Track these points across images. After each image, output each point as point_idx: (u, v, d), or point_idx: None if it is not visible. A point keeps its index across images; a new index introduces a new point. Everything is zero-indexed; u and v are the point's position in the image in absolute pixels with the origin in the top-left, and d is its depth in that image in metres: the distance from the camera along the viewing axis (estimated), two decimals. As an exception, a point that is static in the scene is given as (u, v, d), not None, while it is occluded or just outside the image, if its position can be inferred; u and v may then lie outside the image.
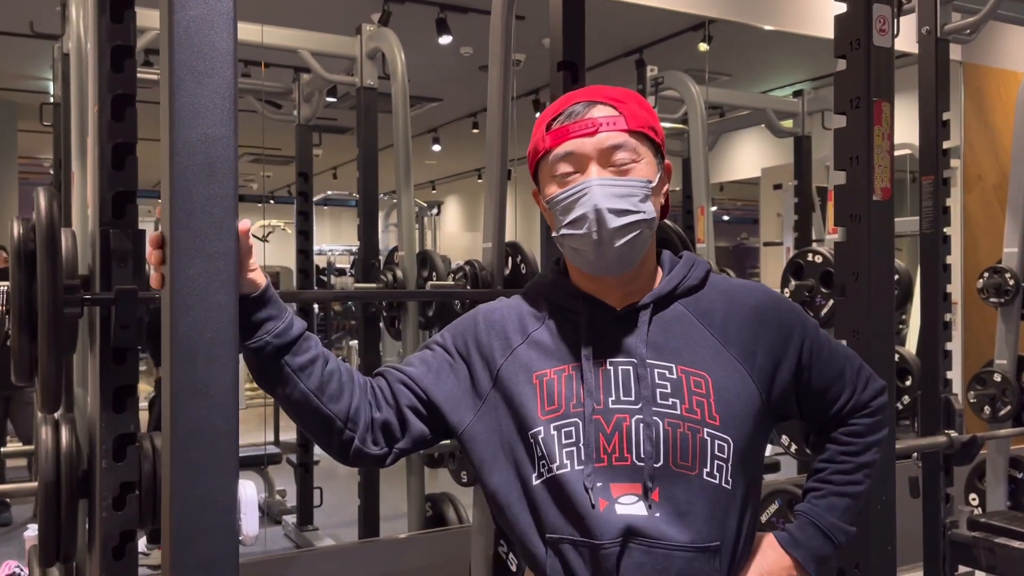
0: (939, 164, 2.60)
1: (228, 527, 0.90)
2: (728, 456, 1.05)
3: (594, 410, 1.06)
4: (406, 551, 2.92)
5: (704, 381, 1.07)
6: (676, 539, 1.02)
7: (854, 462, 1.17)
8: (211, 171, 0.90)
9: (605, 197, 1.04)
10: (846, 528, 1.17)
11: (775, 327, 1.12)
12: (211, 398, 0.90)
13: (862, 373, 1.19)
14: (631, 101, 1.10)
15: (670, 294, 1.11)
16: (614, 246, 1.05)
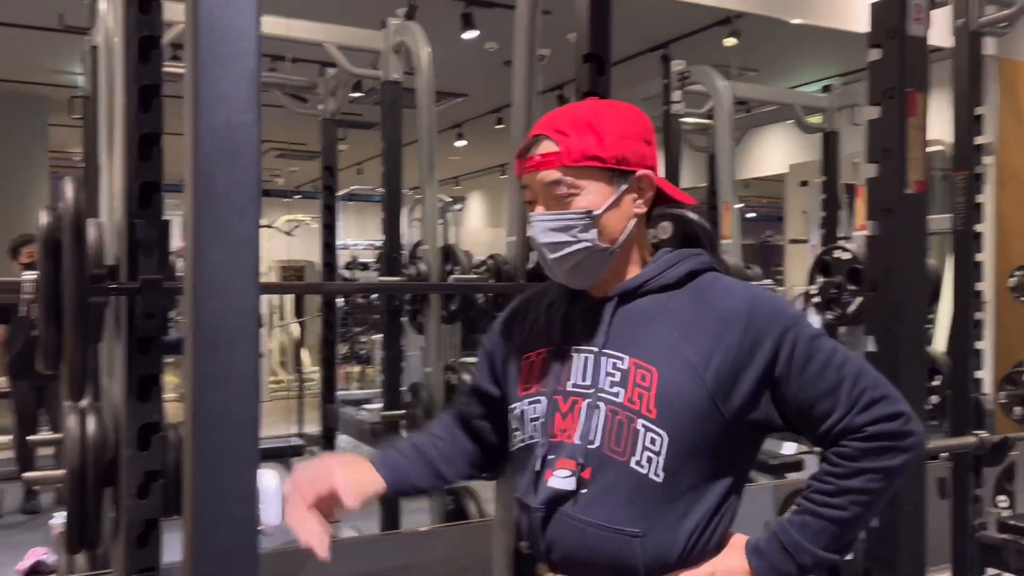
0: (972, 160, 2.55)
1: (249, 517, 0.90)
2: (661, 450, 1.10)
3: (555, 391, 1.18)
4: (427, 544, 2.92)
5: (650, 375, 1.12)
6: (595, 517, 1.12)
7: (838, 485, 1.10)
8: (234, 157, 0.89)
9: (543, 232, 1.15)
10: (815, 551, 1.10)
11: (741, 334, 1.11)
12: (233, 386, 0.89)
13: (865, 394, 1.09)
14: (576, 131, 1.14)
15: (635, 290, 1.18)
16: (559, 271, 1.18)
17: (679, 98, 3.97)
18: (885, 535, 1.49)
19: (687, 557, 1.12)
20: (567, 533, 1.14)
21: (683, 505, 1.11)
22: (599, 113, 1.17)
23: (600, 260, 1.16)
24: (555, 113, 1.20)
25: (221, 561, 0.89)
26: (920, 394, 1.51)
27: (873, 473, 1.09)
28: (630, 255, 1.20)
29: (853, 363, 1.12)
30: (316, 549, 1.14)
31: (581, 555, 1.14)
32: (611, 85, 2.10)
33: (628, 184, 1.16)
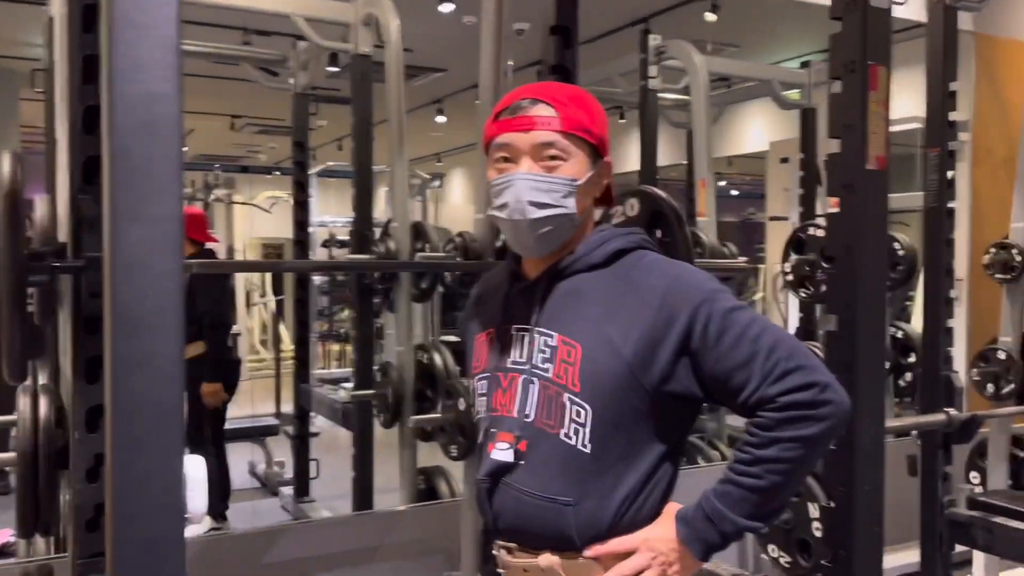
0: (945, 136, 2.53)
1: (173, 505, 0.87)
2: (586, 422, 1.16)
3: (497, 367, 1.25)
4: (399, 523, 2.91)
5: (574, 351, 1.17)
6: (531, 487, 1.18)
7: (754, 455, 1.12)
8: (153, 130, 0.85)
9: (528, 190, 1.18)
10: (735, 519, 1.13)
11: (656, 310, 1.15)
12: (155, 370, 0.85)
13: (779, 366, 1.11)
14: (572, 103, 1.21)
15: (564, 269, 1.23)
16: (532, 233, 1.20)
17: (655, 73, 3.92)
18: (842, 514, 1.48)
19: (619, 525, 1.17)
20: (509, 503, 1.21)
21: (613, 475, 1.17)
22: (585, 95, 1.25)
23: (568, 230, 1.21)
24: (542, 84, 1.26)
25: (145, 550, 0.86)
26: (879, 372, 1.50)
27: (788, 442, 1.11)
28: (581, 234, 1.25)
29: (770, 335, 1.14)
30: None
31: (522, 523, 1.20)
32: (578, 58, 2.06)
33: (599, 166, 1.23)
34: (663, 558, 1.16)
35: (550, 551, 1.19)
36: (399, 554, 2.84)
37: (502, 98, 1.25)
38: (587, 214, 1.25)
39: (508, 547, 1.23)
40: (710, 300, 1.15)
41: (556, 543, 1.18)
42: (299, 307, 4.28)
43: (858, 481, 1.47)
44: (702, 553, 1.16)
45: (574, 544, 1.17)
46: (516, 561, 1.22)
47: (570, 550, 1.18)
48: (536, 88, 1.23)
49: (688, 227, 1.72)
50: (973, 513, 2.62)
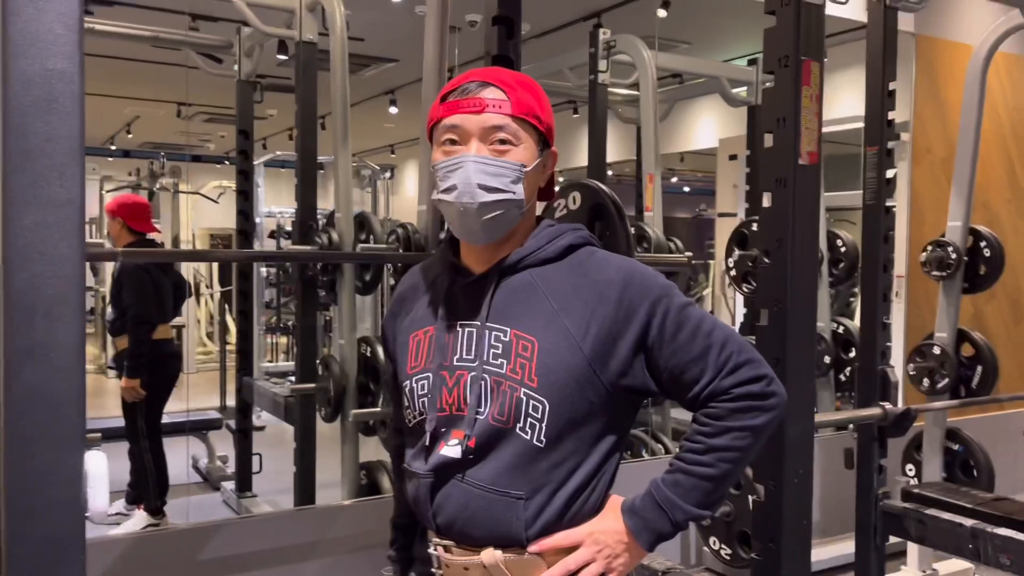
0: (884, 134, 2.57)
1: (72, 501, 0.83)
2: (543, 416, 1.14)
3: (441, 366, 1.20)
4: (340, 519, 2.87)
5: (531, 346, 1.15)
6: (479, 480, 1.16)
7: (706, 443, 1.15)
8: (51, 108, 0.81)
9: (477, 173, 1.15)
10: (686, 507, 1.15)
11: (615, 304, 1.15)
12: (52, 361, 0.82)
13: (731, 359, 1.15)
14: (522, 88, 1.19)
15: (516, 264, 1.20)
16: (479, 219, 1.16)
17: (604, 67, 3.92)
18: (771, 507, 1.49)
19: (567, 519, 1.17)
20: (454, 497, 1.18)
21: (565, 469, 1.16)
22: (534, 82, 1.23)
23: (515, 217, 1.19)
24: (491, 68, 1.23)
25: (42, 549, 0.83)
26: (809, 367, 1.51)
27: (739, 431, 1.14)
28: (525, 225, 1.23)
29: (721, 330, 1.17)
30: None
31: (465, 518, 1.17)
32: (520, 48, 2.05)
33: (546, 155, 1.23)
34: (608, 551, 1.16)
35: (493, 547, 1.17)
36: (340, 549, 2.80)
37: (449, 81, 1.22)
38: (532, 204, 1.23)
39: (446, 544, 1.20)
40: (667, 296, 1.16)
41: (500, 538, 1.16)
42: (242, 299, 4.20)
43: (787, 474, 1.48)
44: (650, 543, 1.17)
45: (520, 539, 1.16)
46: (455, 559, 1.19)
47: (515, 546, 1.16)
48: (485, 72, 1.21)
49: (633, 222, 1.72)
50: (907, 505, 2.67)
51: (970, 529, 2.50)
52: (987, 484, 3.15)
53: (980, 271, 3.19)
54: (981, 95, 3.08)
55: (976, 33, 3.48)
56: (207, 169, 11.89)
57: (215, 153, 12.37)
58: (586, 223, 1.67)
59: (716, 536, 2.53)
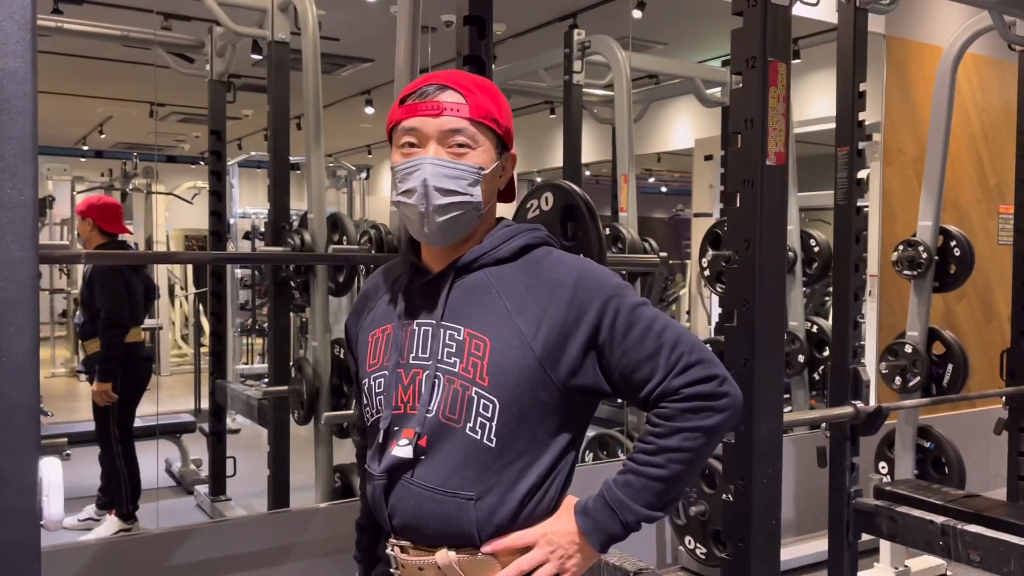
0: (854, 135, 2.59)
1: (26, 510, 0.81)
2: (493, 416, 1.14)
3: (398, 364, 1.21)
4: (314, 522, 2.85)
5: (483, 344, 1.15)
6: (430, 481, 1.16)
7: (657, 444, 1.14)
8: (2, 109, 0.79)
9: (435, 175, 1.16)
10: (637, 509, 1.15)
11: (566, 304, 1.15)
12: (4, 367, 0.79)
13: (682, 359, 1.14)
14: (480, 92, 1.20)
15: (471, 263, 1.21)
16: (436, 220, 1.17)
17: (579, 68, 3.93)
18: (740, 507, 1.50)
19: (520, 519, 1.17)
20: (406, 499, 1.18)
21: (517, 469, 1.16)
22: (493, 85, 1.24)
23: (472, 219, 1.20)
24: (450, 71, 1.24)
25: (-5, 559, 0.81)
26: (778, 367, 1.51)
27: (690, 432, 1.13)
28: (484, 226, 1.24)
29: (672, 330, 1.16)
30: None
31: (418, 519, 1.18)
32: (492, 48, 2.04)
33: (504, 158, 1.23)
34: (561, 551, 1.16)
35: (447, 547, 1.17)
36: (314, 552, 2.79)
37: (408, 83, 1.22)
38: (491, 206, 1.23)
39: (402, 545, 1.21)
40: (618, 296, 1.16)
41: (455, 539, 1.16)
42: (215, 300, 4.16)
43: (756, 474, 1.49)
44: (602, 544, 1.16)
45: (473, 540, 1.16)
46: (411, 559, 1.19)
47: (468, 546, 1.16)
48: (444, 75, 1.21)
49: (608, 222, 1.72)
50: (879, 503, 2.70)
51: (940, 526, 2.53)
52: (958, 481, 3.18)
53: (951, 270, 3.23)
54: (951, 96, 3.11)
55: (946, 35, 3.52)
56: (181, 170, 11.77)
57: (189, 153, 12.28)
58: (558, 223, 1.67)
59: (691, 535, 2.54)
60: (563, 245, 1.65)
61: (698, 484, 2.59)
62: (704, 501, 2.49)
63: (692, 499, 2.53)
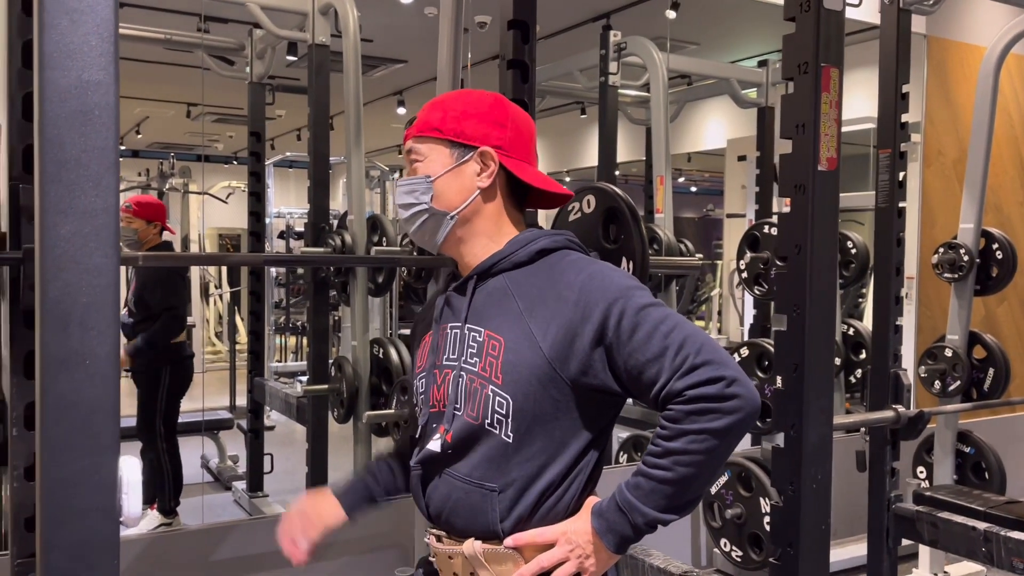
0: (897, 137, 2.57)
1: (106, 508, 0.84)
2: (508, 413, 1.20)
3: (434, 365, 1.30)
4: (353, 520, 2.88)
5: (499, 345, 1.22)
6: (458, 472, 1.24)
7: (663, 447, 1.14)
8: (87, 120, 0.82)
9: (398, 195, 1.31)
10: (645, 511, 1.15)
11: (572, 305, 1.19)
12: (87, 369, 0.82)
13: (687, 361, 1.13)
14: (430, 108, 1.30)
15: (489, 269, 1.28)
16: (409, 231, 1.32)
17: (615, 69, 3.93)
18: (790, 511, 1.50)
19: (540, 515, 1.21)
20: (439, 488, 1.26)
21: (535, 465, 1.21)
22: (456, 96, 1.33)
23: (438, 224, 1.29)
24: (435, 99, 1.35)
25: (75, 555, 0.83)
26: (828, 372, 1.51)
27: (694, 435, 1.12)
28: (479, 228, 1.30)
29: (681, 331, 1.15)
30: (293, 557, 1.47)
31: (450, 509, 1.25)
32: (536, 53, 2.05)
33: (469, 157, 1.28)
34: (580, 551, 1.18)
35: (474, 538, 1.23)
36: (353, 550, 2.82)
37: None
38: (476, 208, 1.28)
39: (438, 535, 1.28)
40: (624, 297, 1.17)
41: (480, 530, 1.22)
42: (254, 300, 4.21)
43: (806, 479, 1.48)
44: (615, 545, 1.18)
45: (496, 532, 1.21)
46: (443, 548, 1.26)
47: (493, 538, 1.22)
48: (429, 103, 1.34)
49: (644, 224, 1.72)
50: (919, 508, 2.67)
51: (983, 532, 2.50)
52: (999, 487, 3.15)
53: (992, 273, 3.19)
54: (993, 97, 3.07)
55: (988, 35, 3.47)
56: (215, 169, 11.92)
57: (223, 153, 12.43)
58: (600, 226, 1.68)
59: (727, 538, 2.54)
60: (604, 248, 1.67)
61: (734, 487, 2.58)
62: (740, 504, 2.48)
63: (728, 502, 2.53)
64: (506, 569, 1.21)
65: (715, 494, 2.57)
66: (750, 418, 1.14)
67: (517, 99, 2.03)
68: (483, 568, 1.22)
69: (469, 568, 1.23)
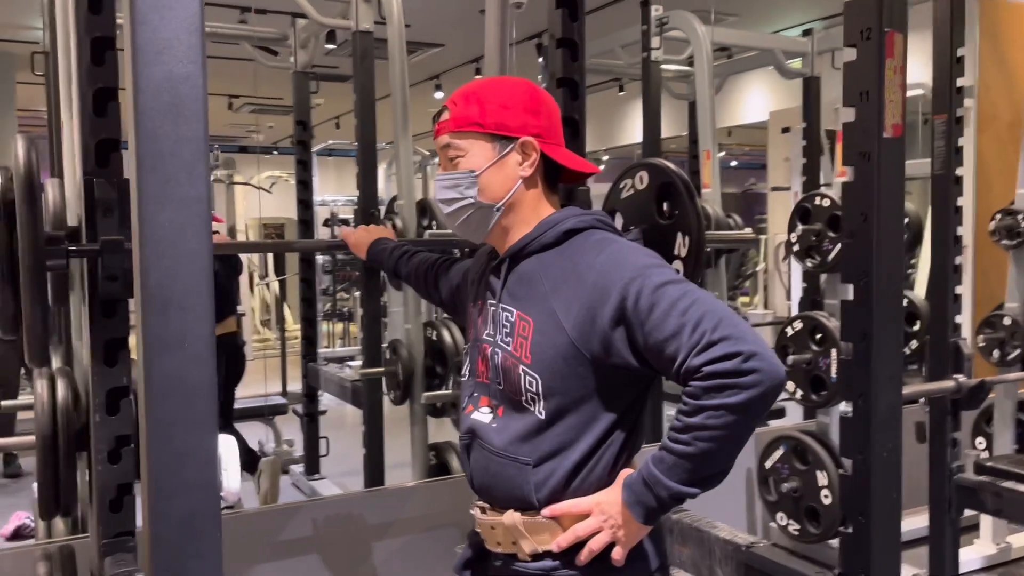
0: (952, 102, 2.52)
1: (208, 482, 0.88)
2: (538, 391, 1.24)
3: (477, 339, 1.36)
4: (411, 499, 2.93)
5: (528, 325, 1.26)
6: (495, 445, 1.29)
7: (684, 422, 1.15)
8: (179, 112, 0.85)
9: (439, 190, 1.33)
10: (668, 484, 1.17)
11: (591, 286, 1.21)
12: (186, 350, 0.86)
13: (704, 337, 1.12)
14: (464, 100, 1.31)
15: (521, 251, 1.31)
16: (453, 225, 1.35)
17: (658, 44, 3.89)
18: (860, 481, 1.50)
19: (572, 487, 1.25)
20: (480, 460, 1.32)
21: (566, 439, 1.25)
22: (488, 86, 1.34)
23: (484, 216, 1.32)
24: (461, 88, 1.36)
25: (182, 528, 0.87)
26: (896, 341, 1.50)
27: (712, 410, 1.12)
28: (522, 215, 1.32)
29: (698, 308, 1.15)
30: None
31: (490, 481, 1.30)
32: (585, 31, 2.05)
33: (511, 148, 1.30)
34: (612, 521, 1.22)
35: (514, 510, 1.28)
36: (411, 529, 2.86)
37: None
38: (519, 196, 1.31)
39: (482, 506, 1.34)
40: (641, 276, 1.18)
41: (518, 502, 1.27)
42: (305, 287, 4.28)
43: (876, 448, 1.48)
44: (643, 517, 1.20)
45: (532, 503, 1.26)
46: (486, 519, 1.32)
47: (531, 509, 1.27)
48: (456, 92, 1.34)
49: (697, 199, 1.71)
50: (981, 478, 2.64)
51: (1048, 501, 2.47)
52: (1061, 456, 3.09)
53: (1052, 239, 3.11)
54: (1050, 58, 2.99)
55: (1043, -6, 3.38)
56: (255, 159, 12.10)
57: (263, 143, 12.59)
58: (654, 202, 1.68)
59: (783, 511, 2.53)
60: (658, 224, 1.67)
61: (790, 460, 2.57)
62: (796, 477, 2.47)
63: (784, 475, 2.52)
64: (545, 538, 1.25)
65: (770, 468, 2.56)
66: (772, 392, 1.13)
67: (567, 78, 2.04)
68: (523, 538, 1.27)
69: (511, 538, 1.28)
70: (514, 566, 1.29)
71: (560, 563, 1.26)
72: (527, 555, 1.27)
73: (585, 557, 1.23)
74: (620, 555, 1.23)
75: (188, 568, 0.88)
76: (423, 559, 2.78)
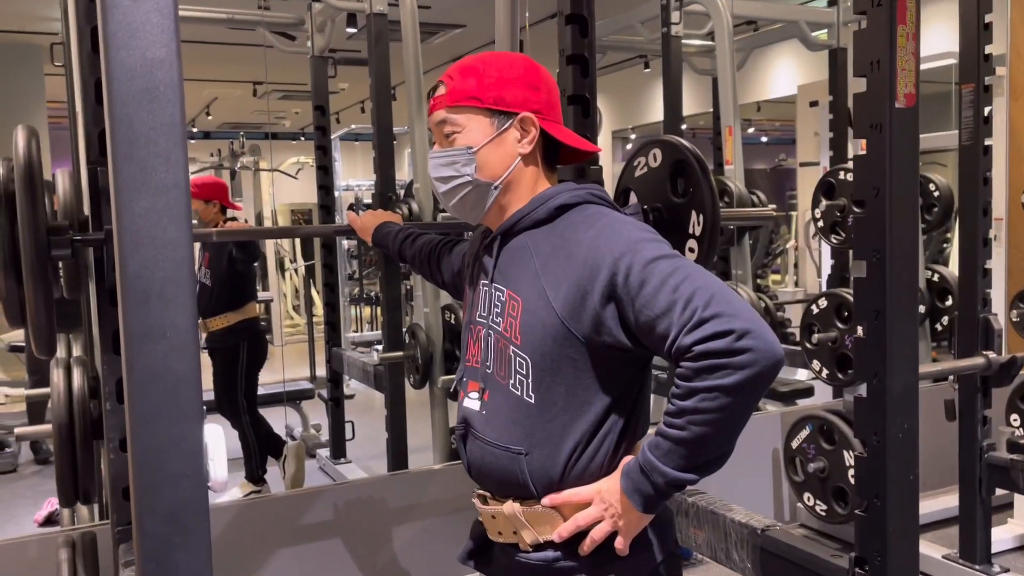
0: (980, 71, 2.44)
1: (194, 473, 0.86)
2: (527, 373, 1.19)
3: (471, 320, 1.32)
4: (433, 482, 2.94)
5: (518, 305, 1.21)
6: (488, 435, 1.24)
7: (677, 406, 1.09)
8: (153, 97, 0.83)
9: (434, 167, 1.28)
10: (664, 470, 1.11)
11: (581, 262, 1.16)
12: (168, 341, 0.84)
13: (695, 315, 1.06)
14: (461, 75, 1.26)
15: (512, 227, 1.27)
16: (449, 204, 1.30)
17: (677, 19, 3.82)
18: (875, 462, 1.46)
19: (571, 475, 1.20)
20: (475, 451, 1.27)
21: (560, 425, 1.20)
22: (486, 60, 1.28)
23: (481, 195, 1.26)
24: (457, 63, 1.31)
25: (168, 520, 0.87)
26: (911, 319, 1.45)
27: (705, 392, 1.06)
28: (519, 194, 1.28)
29: (690, 283, 1.09)
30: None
31: (484, 470, 1.26)
32: (595, 6, 2.01)
33: (509, 124, 1.25)
34: (613, 510, 1.18)
35: (513, 499, 1.24)
36: (435, 511, 2.87)
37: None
38: (517, 174, 1.26)
39: (483, 495, 1.29)
40: (631, 251, 1.13)
41: (516, 490, 1.23)
42: (327, 272, 4.29)
43: (891, 428, 1.44)
44: (642, 505, 1.15)
45: (531, 492, 1.22)
46: (488, 508, 1.28)
47: (529, 498, 1.23)
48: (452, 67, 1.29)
49: (714, 176, 1.67)
50: (1014, 456, 2.58)
51: (1083, 480, 2.40)
52: (1099, 433, 3.00)
53: (1088, 210, 3.02)
54: (1086, 22, 2.88)
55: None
56: (282, 146, 12.17)
57: (290, 130, 12.66)
58: (668, 180, 1.64)
59: (810, 492, 2.49)
60: (672, 202, 1.64)
61: (816, 440, 2.52)
62: (823, 457, 2.43)
63: (810, 456, 2.48)
64: (546, 528, 1.22)
65: (796, 448, 2.52)
66: (768, 371, 1.06)
67: (576, 55, 2.00)
68: (524, 528, 1.23)
69: (512, 528, 1.24)
70: (516, 557, 1.26)
71: (562, 554, 1.22)
72: (528, 545, 1.23)
73: (587, 547, 1.19)
74: (623, 545, 1.18)
75: (176, 560, 0.87)
76: (445, 541, 2.79)
